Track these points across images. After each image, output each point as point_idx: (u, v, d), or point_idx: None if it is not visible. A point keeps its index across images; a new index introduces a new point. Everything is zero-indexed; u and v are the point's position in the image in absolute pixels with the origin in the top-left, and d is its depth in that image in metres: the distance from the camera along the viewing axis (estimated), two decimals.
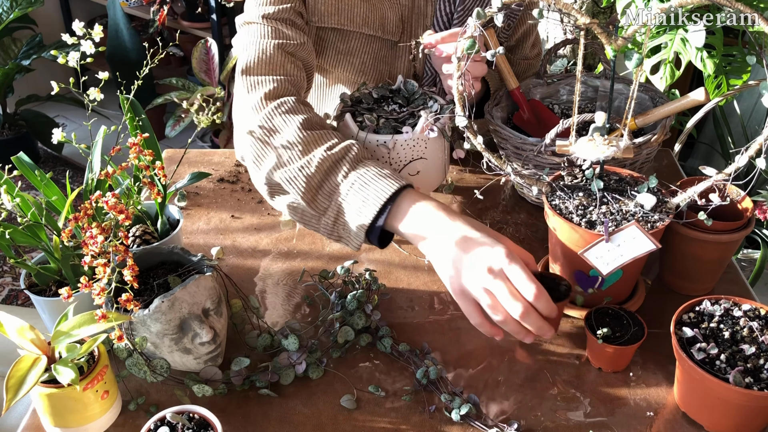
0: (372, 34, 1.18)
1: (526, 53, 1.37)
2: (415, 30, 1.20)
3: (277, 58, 1.06)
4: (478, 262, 0.82)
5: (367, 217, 0.89)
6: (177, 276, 0.89)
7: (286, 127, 0.97)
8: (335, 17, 1.15)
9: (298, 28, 1.11)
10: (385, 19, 1.18)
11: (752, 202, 0.99)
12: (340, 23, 1.16)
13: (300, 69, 1.09)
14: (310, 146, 0.95)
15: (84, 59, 0.89)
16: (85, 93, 0.89)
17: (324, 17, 1.15)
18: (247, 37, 1.10)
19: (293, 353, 0.89)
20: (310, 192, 0.94)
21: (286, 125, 0.97)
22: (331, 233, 0.95)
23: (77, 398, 0.78)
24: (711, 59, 1.32)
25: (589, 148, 0.89)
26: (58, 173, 2.99)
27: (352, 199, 0.91)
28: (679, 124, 2.04)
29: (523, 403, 0.87)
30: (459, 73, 0.92)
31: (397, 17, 1.18)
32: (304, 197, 0.94)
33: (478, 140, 0.96)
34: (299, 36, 1.10)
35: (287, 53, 1.07)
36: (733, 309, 0.86)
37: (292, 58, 1.08)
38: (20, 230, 0.87)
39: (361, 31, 1.17)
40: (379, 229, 0.90)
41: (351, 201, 0.91)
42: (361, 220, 0.90)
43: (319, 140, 0.95)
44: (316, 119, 1.00)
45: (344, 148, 0.94)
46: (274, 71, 1.05)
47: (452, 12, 1.19)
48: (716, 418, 0.81)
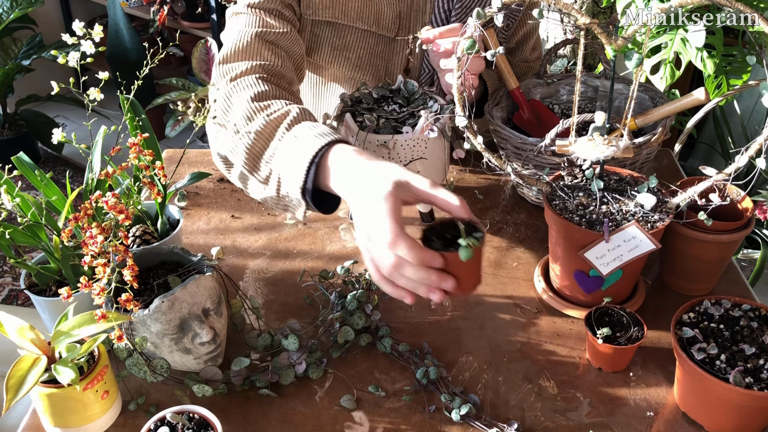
0: (366, 29, 1.18)
1: (527, 56, 1.37)
2: (413, 26, 1.20)
3: (253, 46, 1.05)
4: (361, 225, 0.78)
5: (299, 177, 0.84)
6: (177, 276, 0.89)
7: (239, 101, 0.96)
8: (329, 10, 1.15)
9: (285, 19, 1.11)
10: (381, 14, 1.17)
11: (752, 202, 0.99)
12: (334, 17, 1.16)
13: (280, 57, 1.07)
14: (255, 115, 0.93)
15: (84, 59, 0.89)
16: (85, 93, 0.89)
17: (318, 10, 1.15)
18: (232, 28, 1.10)
19: (293, 353, 0.89)
20: (251, 160, 0.91)
21: (239, 100, 0.96)
22: (278, 203, 0.92)
23: (77, 398, 0.78)
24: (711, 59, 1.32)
25: (589, 148, 0.89)
26: (58, 173, 2.99)
27: (286, 162, 0.87)
28: (679, 124, 2.04)
29: (523, 403, 0.87)
30: (459, 73, 0.92)
31: (394, 13, 1.18)
32: (245, 165, 0.92)
33: (478, 140, 0.96)
34: (284, 26, 1.09)
35: (266, 41, 1.06)
36: (733, 309, 0.86)
37: (272, 46, 1.07)
38: (20, 230, 0.87)
39: (355, 25, 1.17)
40: (310, 190, 0.85)
41: (285, 164, 0.87)
42: (295, 182, 0.86)
43: (265, 109, 0.93)
44: (274, 92, 0.97)
45: (283, 113, 0.91)
46: (249, 57, 1.04)
47: (450, 9, 1.19)
48: (716, 418, 0.81)
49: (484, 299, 1.03)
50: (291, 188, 0.87)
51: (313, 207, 0.88)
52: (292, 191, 0.88)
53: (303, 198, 0.86)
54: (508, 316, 1.00)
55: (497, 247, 1.13)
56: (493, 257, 1.11)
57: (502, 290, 1.04)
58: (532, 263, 1.09)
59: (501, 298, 1.03)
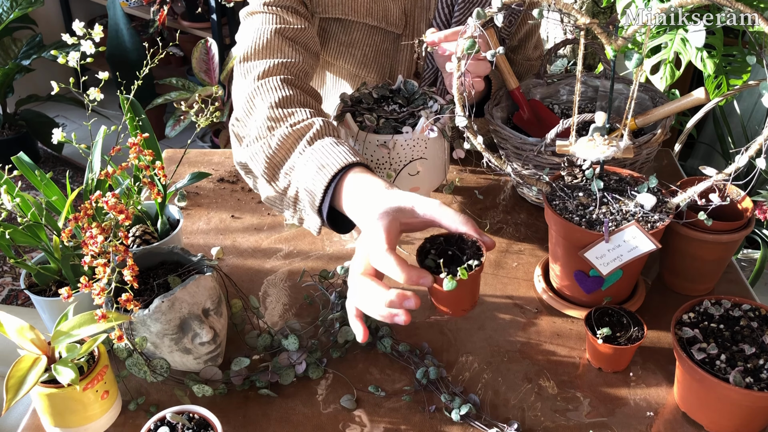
0: (375, 25, 1.19)
1: (529, 54, 1.37)
2: (417, 23, 1.21)
3: (274, 43, 1.05)
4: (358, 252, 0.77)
5: (317, 197, 0.84)
6: (177, 276, 0.89)
7: (262, 105, 0.95)
8: (339, 7, 1.16)
9: (301, 15, 1.11)
10: (388, 11, 1.18)
11: (752, 202, 0.99)
12: (344, 13, 1.17)
13: (300, 53, 1.07)
14: (278, 123, 0.92)
15: (84, 59, 0.89)
16: (85, 93, 0.89)
17: (327, 8, 1.16)
18: (248, 27, 1.10)
19: (293, 353, 0.89)
20: (271, 169, 0.91)
21: (263, 103, 0.96)
22: (294, 215, 0.91)
23: (77, 398, 0.78)
24: (711, 59, 1.32)
25: (589, 148, 0.89)
26: (58, 173, 2.99)
27: (305, 179, 0.86)
28: (679, 124, 2.04)
29: (523, 403, 0.87)
30: (459, 73, 0.92)
31: (400, 10, 1.18)
32: (265, 174, 0.91)
33: (478, 140, 0.96)
34: (301, 22, 1.09)
35: (286, 38, 1.06)
36: (733, 309, 0.86)
37: (291, 43, 1.07)
38: (20, 230, 0.87)
39: (364, 21, 1.18)
40: (326, 208, 0.84)
41: (304, 180, 0.86)
42: (312, 201, 0.85)
43: (288, 117, 0.93)
44: (299, 98, 0.97)
45: (307, 125, 0.90)
46: (270, 55, 1.03)
47: (453, 4, 1.19)
48: (716, 418, 0.81)
49: (484, 299, 1.03)
50: (307, 205, 0.87)
51: (328, 226, 0.87)
52: (308, 208, 0.87)
53: (319, 216, 0.86)
54: (508, 316, 1.00)
55: (497, 247, 1.13)
56: (493, 257, 1.11)
57: (502, 290, 1.04)
58: (532, 263, 1.09)
59: (501, 298, 1.03)
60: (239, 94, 1.01)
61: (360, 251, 0.76)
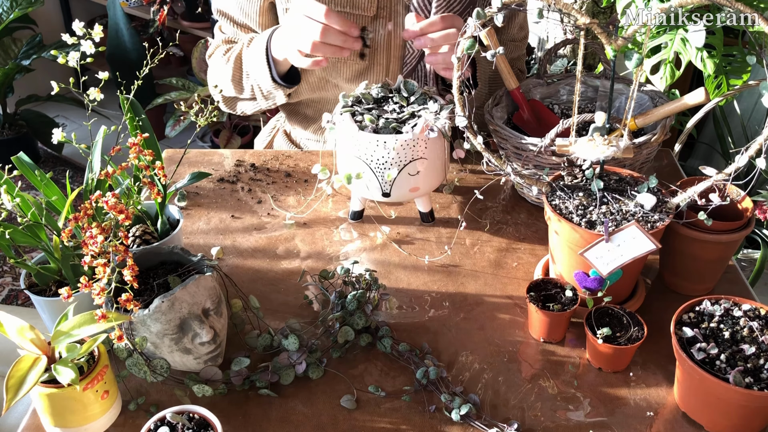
0: (340, 10, 1.19)
1: (514, 34, 1.37)
2: (394, 5, 1.20)
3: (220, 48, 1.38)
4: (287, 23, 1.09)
5: (266, 73, 1.19)
6: (177, 276, 0.89)
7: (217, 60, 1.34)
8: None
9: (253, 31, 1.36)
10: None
11: (752, 202, 0.99)
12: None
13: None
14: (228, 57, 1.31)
15: (84, 59, 0.89)
16: (85, 93, 0.89)
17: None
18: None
19: (293, 353, 0.89)
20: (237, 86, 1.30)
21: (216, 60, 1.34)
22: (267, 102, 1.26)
23: (77, 398, 0.78)
24: (711, 59, 1.32)
25: (589, 148, 0.89)
26: (58, 173, 2.99)
27: (255, 71, 1.22)
28: (679, 124, 2.04)
29: (523, 403, 0.87)
30: (459, 74, 0.92)
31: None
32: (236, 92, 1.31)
33: (478, 140, 0.96)
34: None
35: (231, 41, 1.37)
36: (733, 309, 0.86)
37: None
38: (20, 230, 0.87)
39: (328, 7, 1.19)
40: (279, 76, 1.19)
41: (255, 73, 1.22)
42: (265, 78, 1.19)
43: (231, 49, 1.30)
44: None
45: (242, 44, 1.27)
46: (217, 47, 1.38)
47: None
48: (716, 418, 0.82)
49: (484, 299, 1.03)
50: (264, 84, 1.21)
51: (285, 85, 1.20)
52: (265, 85, 1.21)
53: (275, 83, 1.19)
54: (508, 316, 1.00)
55: (497, 247, 1.13)
56: (493, 257, 1.11)
57: (502, 290, 1.04)
58: (532, 263, 1.09)
59: (501, 298, 1.03)
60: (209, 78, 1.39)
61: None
